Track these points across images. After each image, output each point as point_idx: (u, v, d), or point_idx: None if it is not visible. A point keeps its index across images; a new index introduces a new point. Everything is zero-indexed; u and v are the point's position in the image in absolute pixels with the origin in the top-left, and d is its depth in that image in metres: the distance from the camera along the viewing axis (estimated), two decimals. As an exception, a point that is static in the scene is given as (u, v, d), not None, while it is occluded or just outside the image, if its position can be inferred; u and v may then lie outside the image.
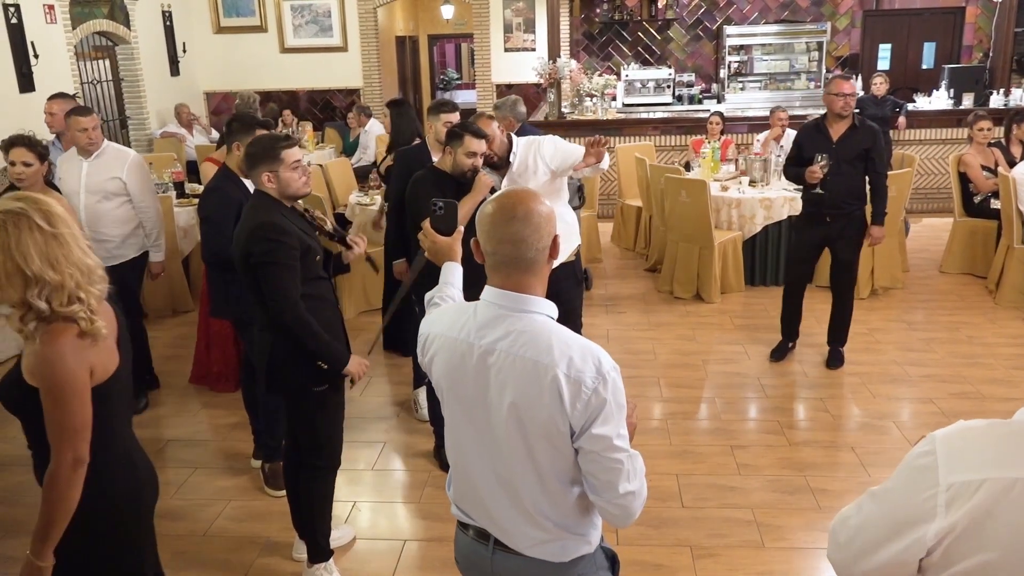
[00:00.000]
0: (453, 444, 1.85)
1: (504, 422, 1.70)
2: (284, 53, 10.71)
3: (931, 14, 10.77)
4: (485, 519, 1.83)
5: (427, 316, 1.96)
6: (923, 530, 1.16)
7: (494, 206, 1.73)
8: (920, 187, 8.65)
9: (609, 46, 11.35)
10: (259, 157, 2.92)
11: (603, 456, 1.65)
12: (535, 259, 1.71)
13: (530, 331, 1.69)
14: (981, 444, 1.17)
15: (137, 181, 4.59)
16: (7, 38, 6.87)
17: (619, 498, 1.68)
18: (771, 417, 4.44)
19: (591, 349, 1.67)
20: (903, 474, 1.24)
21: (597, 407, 1.63)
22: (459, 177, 3.65)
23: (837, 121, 4.69)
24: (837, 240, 4.81)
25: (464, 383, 1.76)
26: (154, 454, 4.29)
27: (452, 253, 2.21)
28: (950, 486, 1.14)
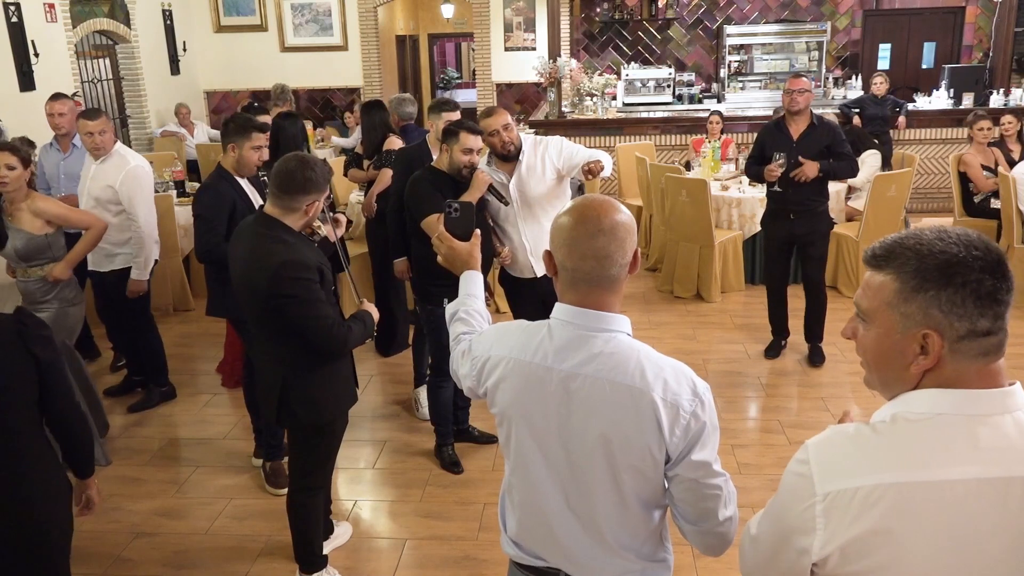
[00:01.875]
0: (521, 478, 1.69)
1: (589, 452, 1.57)
2: (284, 52, 10.71)
3: (931, 14, 10.77)
4: (556, 556, 1.68)
5: (480, 337, 1.78)
6: (806, 541, 1.16)
7: (574, 217, 1.56)
8: (920, 187, 8.65)
9: (609, 45, 11.35)
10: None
11: (702, 483, 1.55)
12: (618, 276, 1.58)
13: (617, 353, 1.56)
14: (851, 451, 1.17)
15: (129, 193, 4.43)
16: (7, 37, 6.87)
17: (719, 526, 1.58)
18: (772, 416, 4.45)
19: (682, 369, 1.58)
20: (784, 485, 1.23)
21: (697, 431, 1.53)
22: (456, 175, 3.65)
23: (795, 119, 4.78)
24: (803, 237, 4.88)
25: (539, 412, 1.61)
26: (155, 452, 4.31)
27: (472, 260, 1.99)
28: (826, 495, 1.14)
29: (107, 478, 4.01)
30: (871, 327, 1.21)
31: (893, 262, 1.17)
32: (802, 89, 4.70)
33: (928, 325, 1.14)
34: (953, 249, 1.14)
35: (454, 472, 3.96)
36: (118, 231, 4.51)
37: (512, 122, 3.82)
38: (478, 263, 2.01)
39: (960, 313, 1.12)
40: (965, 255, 1.13)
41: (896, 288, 1.16)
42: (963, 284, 1.12)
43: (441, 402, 3.97)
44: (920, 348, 1.15)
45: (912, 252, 1.16)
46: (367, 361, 5.33)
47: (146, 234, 4.51)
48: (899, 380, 1.20)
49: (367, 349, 5.51)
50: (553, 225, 1.62)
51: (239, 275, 2.75)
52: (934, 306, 1.13)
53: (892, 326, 1.17)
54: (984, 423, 1.14)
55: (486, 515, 3.60)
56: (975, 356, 1.15)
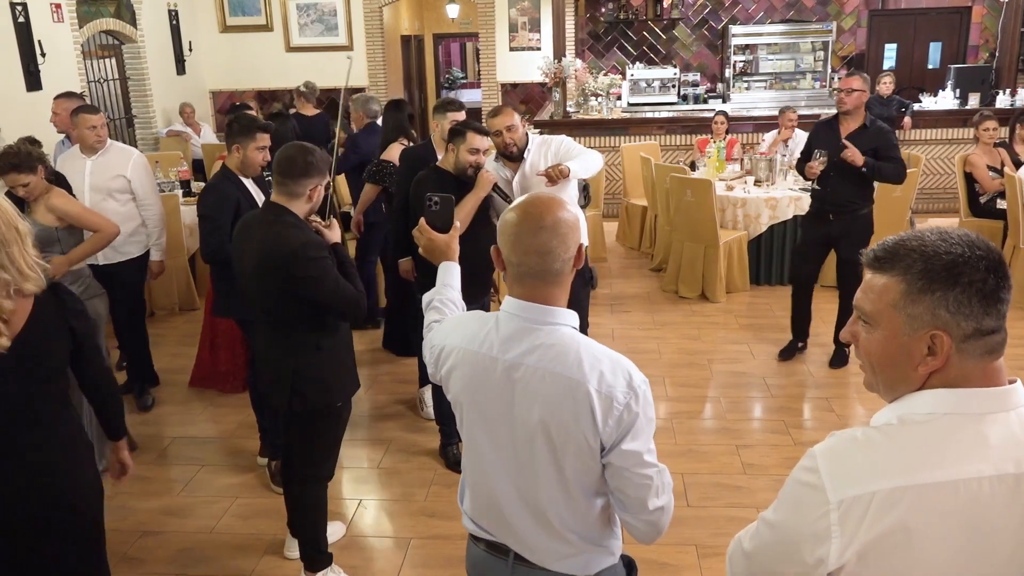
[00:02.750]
0: (472, 461, 1.79)
1: (531, 439, 1.65)
2: (290, 52, 10.72)
3: (937, 14, 10.74)
4: (506, 535, 1.77)
5: (439, 326, 1.88)
6: (822, 550, 1.15)
7: (518, 214, 1.64)
8: (926, 187, 8.63)
9: (614, 45, 11.34)
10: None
11: (633, 472, 1.61)
12: (561, 270, 1.64)
13: (558, 345, 1.63)
14: (862, 457, 1.17)
15: (142, 179, 4.61)
16: (14, 37, 6.89)
17: (649, 514, 1.64)
18: (776, 417, 4.45)
19: (620, 363, 1.63)
20: (789, 495, 1.22)
21: (629, 422, 1.59)
22: (461, 175, 3.65)
23: (846, 119, 4.67)
24: (841, 239, 4.79)
25: (486, 399, 1.70)
26: (160, 452, 4.32)
27: (449, 252, 2.10)
28: (840, 502, 1.13)
29: (113, 477, 4.03)
30: (875, 330, 1.21)
31: (898, 264, 1.17)
32: (850, 88, 4.57)
33: (936, 326, 1.15)
34: (957, 249, 1.14)
35: (458, 471, 3.94)
36: (126, 221, 4.56)
37: (518, 123, 3.82)
38: (456, 254, 2.11)
39: (967, 313, 1.13)
40: (970, 255, 1.14)
41: (902, 290, 1.16)
42: (969, 284, 1.13)
43: (445, 402, 3.92)
44: (927, 349, 1.16)
45: (917, 253, 1.16)
46: (372, 361, 5.34)
47: (160, 216, 4.72)
48: (904, 381, 1.20)
49: (371, 349, 5.52)
50: (500, 221, 1.69)
51: (252, 266, 2.77)
52: (941, 307, 1.14)
53: (898, 328, 1.18)
54: (990, 421, 1.15)
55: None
56: (980, 355, 1.16)
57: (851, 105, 4.60)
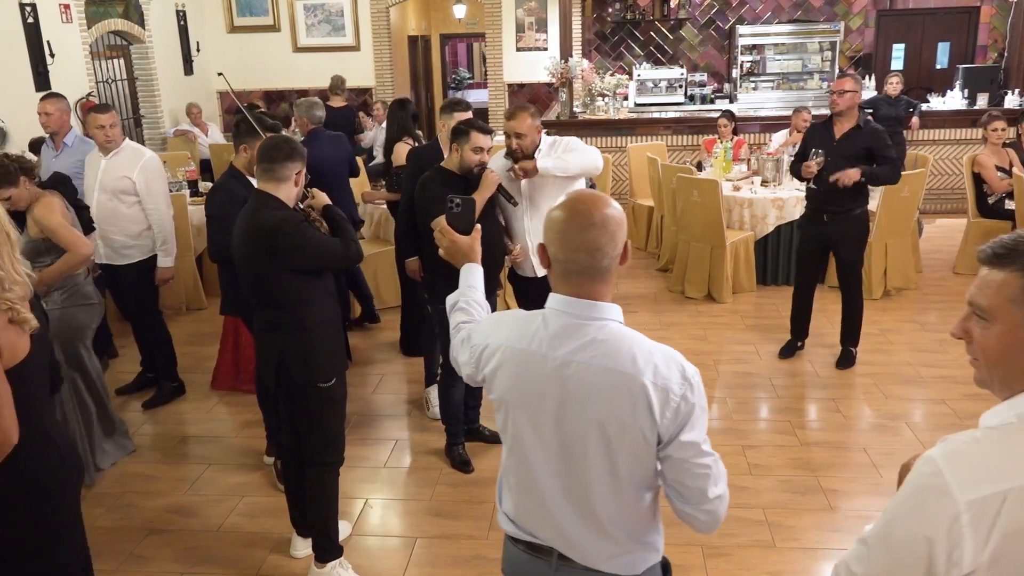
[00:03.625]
0: (517, 461, 1.75)
1: (583, 436, 1.63)
2: (297, 52, 10.76)
3: (945, 14, 10.70)
4: (553, 536, 1.74)
5: (478, 326, 1.87)
6: (956, 554, 1.12)
7: (567, 212, 1.64)
8: (934, 187, 8.60)
9: (621, 46, 11.34)
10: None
11: (692, 463, 1.61)
12: (608, 267, 1.64)
13: (610, 340, 1.62)
14: (992, 455, 1.15)
15: (147, 182, 4.53)
16: (24, 37, 6.93)
17: (708, 503, 1.63)
18: (783, 417, 4.44)
19: (671, 354, 1.63)
20: (910, 502, 1.19)
21: (686, 413, 1.60)
22: (466, 174, 3.66)
23: (840, 120, 4.70)
24: (838, 241, 4.81)
25: (535, 397, 1.67)
26: (168, 450, 4.34)
27: (472, 254, 2.10)
28: (970, 503, 1.11)
29: (120, 475, 4.05)
30: (992, 325, 1.21)
31: (1018, 259, 1.18)
32: (842, 90, 4.60)
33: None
34: None
35: (464, 471, 3.96)
36: (133, 223, 4.57)
37: (529, 130, 3.72)
38: (478, 256, 2.11)
39: None
40: None
41: (1022, 284, 1.17)
42: None
43: (452, 401, 3.97)
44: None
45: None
46: (379, 361, 5.35)
47: (167, 221, 4.63)
48: (1022, 377, 1.19)
49: (378, 349, 5.53)
50: (546, 219, 1.68)
51: (240, 251, 2.92)
52: None
53: (1017, 322, 1.18)
54: None
55: (496, 515, 3.60)
56: None
57: (843, 106, 4.62)
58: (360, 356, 5.39)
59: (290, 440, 3.20)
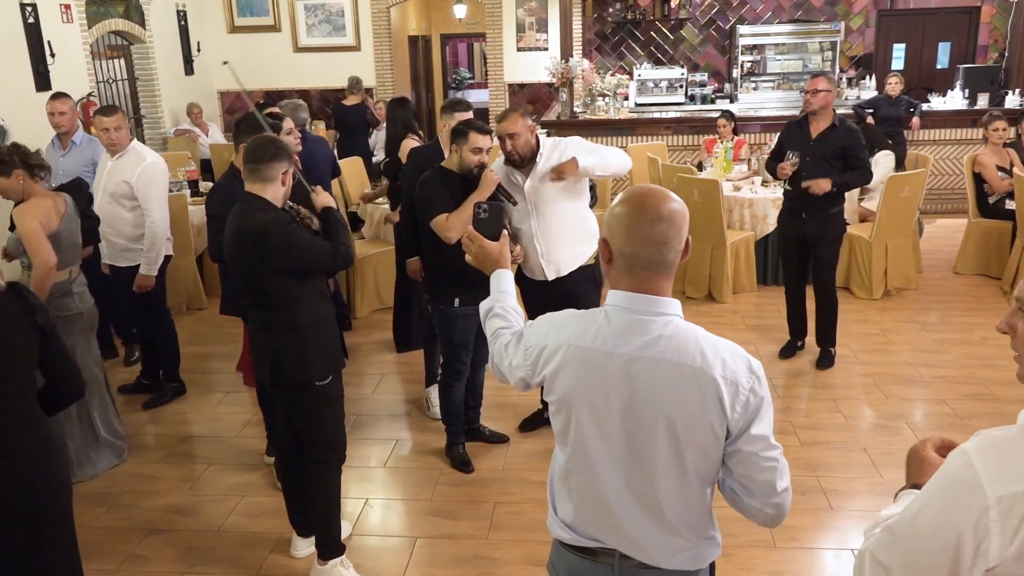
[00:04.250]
0: (579, 462, 1.73)
1: (651, 432, 1.63)
2: (297, 52, 10.76)
3: (946, 14, 10.70)
4: (614, 537, 1.73)
5: (530, 329, 1.84)
6: (983, 547, 1.12)
7: (633, 206, 1.64)
8: (934, 187, 8.60)
9: (622, 45, 11.33)
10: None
11: (761, 456, 1.62)
12: (673, 261, 1.65)
13: (677, 336, 1.63)
14: (1018, 453, 1.14)
15: (144, 188, 4.50)
16: (24, 37, 6.93)
17: (777, 496, 1.64)
18: (783, 417, 4.43)
19: (736, 349, 1.65)
20: (939, 495, 1.18)
21: (755, 406, 1.61)
22: (466, 175, 3.65)
23: (815, 119, 4.72)
24: (815, 239, 4.83)
25: (602, 395, 1.66)
26: (168, 450, 4.34)
27: (502, 259, 2.08)
28: (1000, 499, 1.10)
29: (120, 475, 4.05)
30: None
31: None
32: (815, 90, 4.63)
33: None
34: None
35: (465, 471, 3.96)
36: (132, 226, 4.58)
37: (523, 130, 3.67)
38: (508, 261, 2.11)
39: None
40: None
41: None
42: None
43: (452, 401, 3.97)
44: None
45: None
46: (378, 360, 5.36)
47: (159, 230, 4.57)
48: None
49: (378, 349, 5.53)
50: (609, 214, 1.68)
51: (230, 253, 2.93)
52: None
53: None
54: None
55: (496, 514, 3.61)
56: None
57: (817, 105, 4.64)
58: (360, 356, 5.39)
59: (288, 440, 3.21)
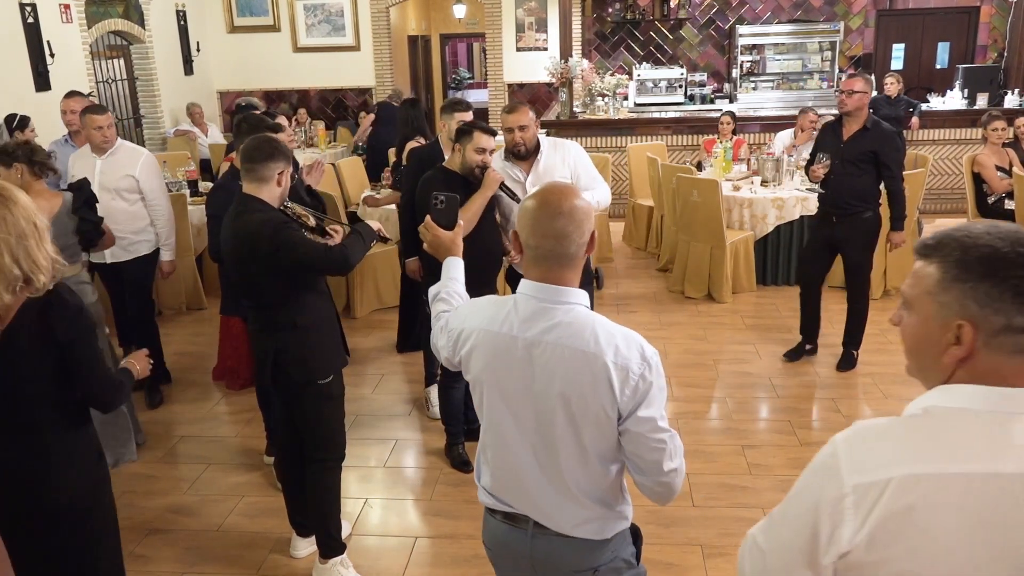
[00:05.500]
0: (493, 437, 1.88)
1: (551, 411, 1.75)
2: (297, 52, 10.76)
3: (945, 14, 10.71)
4: (526, 505, 1.86)
5: (454, 312, 1.98)
6: (837, 533, 1.16)
7: (537, 201, 1.77)
8: (934, 187, 8.61)
9: (621, 46, 11.34)
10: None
11: (648, 437, 1.73)
12: (576, 254, 1.76)
13: (575, 322, 1.74)
14: (885, 442, 1.18)
15: (150, 179, 4.64)
16: (24, 37, 6.93)
17: (664, 476, 1.76)
18: (782, 417, 4.44)
19: (632, 336, 1.75)
20: (808, 480, 1.24)
21: (644, 391, 1.71)
22: (468, 175, 3.65)
23: (848, 121, 4.64)
24: (845, 242, 4.76)
25: (507, 376, 1.80)
26: (168, 450, 4.34)
27: (454, 248, 2.21)
28: (856, 487, 1.15)
29: (120, 475, 4.05)
30: (911, 315, 1.23)
31: (939, 251, 1.19)
32: (851, 90, 4.52)
33: (963, 316, 1.15)
34: (998, 244, 1.14)
35: (464, 471, 3.97)
36: (135, 219, 4.63)
37: (531, 122, 3.80)
38: (460, 250, 2.22)
39: (997, 307, 1.13)
40: (1009, 251, 1.13)
41: (937, 277, 1.18)
42: (1003, 279, 1.13)
43: (452, 402, 3.98)
44: (955, 338, 1.16)
45: (957, 243, 1.17)
46: (378, 360, 5.36)
47: (171, 216, 4.77)
48: (934, 369, 1.21)
49: (379, 349, 5.53)
50: (519, 208, 1.83)
51: (228, 254, 2.94)
52: (970, 297, 1.14)
53: (930, 314, 1.19)
54: (1020, 420, 1.13)
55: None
56: (1011, 352, 1.14)
57: (852, 106, 4.55)
58: (360, 356, 5.39)
59: (288, 440, 3.21)
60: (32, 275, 2.01)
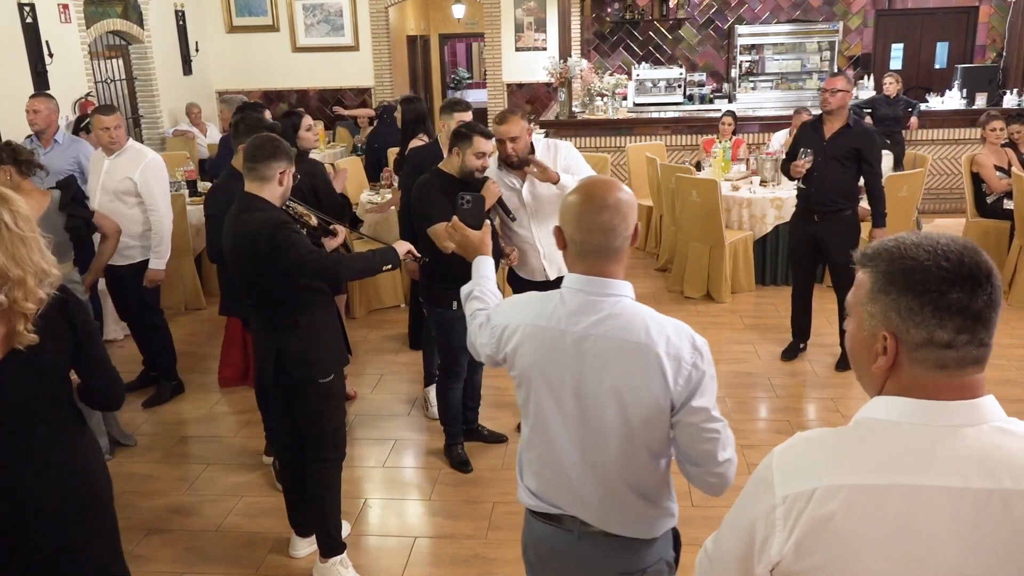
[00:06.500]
0: (539, 434, 1.85)
1: (601, 405, 1.74)
2: (296, 52, 10.76)
3: (944, 14, 10.71)
4: (573, 505, 1.83)
5: (496, 309, 1.97)
6: (768, 544, 1.18)
7: (582, 195, 1.76)
8: (932, 187, 8.61)
9: (620, 45, 11.34)
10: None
11: (702, 427, 1.71)
12: (621, 247, 1.76)
13: (624, 314, 1.74)
14: (813, 454, 1.20)
15: (149, 183, 4.54)
16: (22, 37, 6.93)
17: (718, 467, 1.74)
18: (782, 417, 4.44)
19: (681, 326, 1.75)
20: (747, 492, 1.26)
21: (697, 380, 1.71)
22: (466, 179, 3.60)
23: (830, 119, 4.70)
24: (828, 240, 4.78)
25: (556, 370, 1.78)
26: (167, 450, 4.34)
27: (483, 247, 2.21)
28: (785, 498, 1.16)
29: (119, 475, 4.04)
30: (850, 321, 1.25)
31: (872, 262, 1.19)
32: (834, 89, 4.59)
33: (887, 327, 1.16)
34: (922, 256, 1.13)
35: (463, 471, 3.97)
36: (134, 224, 4.58)
37: (522, 132, 3.66)
38: (489, 249, 2.22)
39: (917, 321, 1.13)
40: (931, 264, 1.12)
41: (867, 287, 1.19)
42: (923, 293, 1.12)
43: (450, 403, 3.97)
44: (883, 348, 1.17)
45: (887, 255, 1.17)
46: (378, 360, 5.36)
47: (165, 224, 4.63)
48: (867, 376, 1.23)
49: (378, 349, 5.54)
50: (562, 203, 1.81)
51: (230, 255, 2.93)
52: (893, 310, 1.15)
53: (861, 323, 1.21)
54: (947, 433, 1.14)
55: (495, 514, 3.61)
56: (933, 367, 1.14)
57: (835, 105, 4.62)
58: (359, 356, 5.39)
59: (288, 439, 3.21)
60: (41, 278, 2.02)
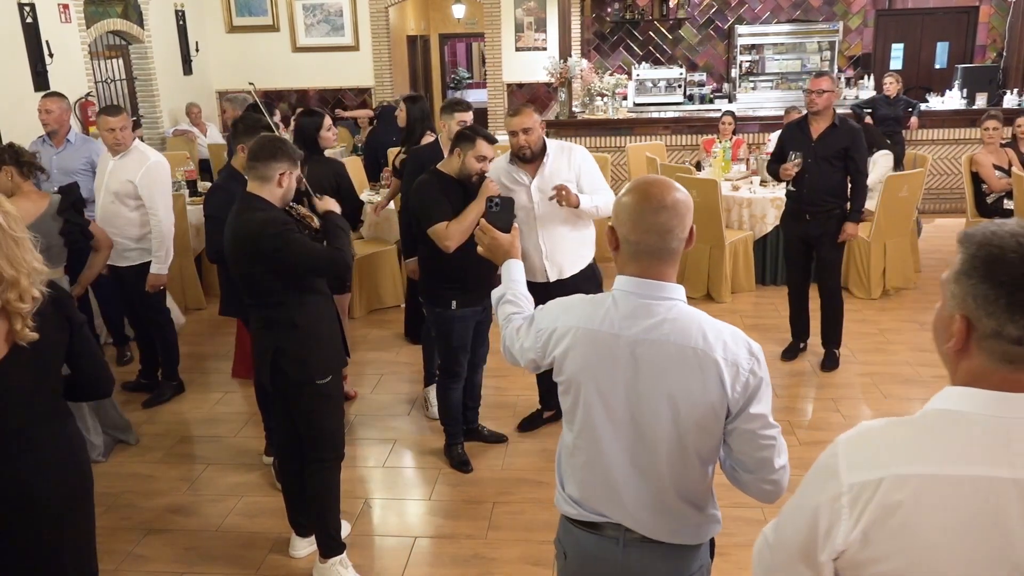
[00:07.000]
0: (587, 439, 1.80)
1: (655, 411, 1.70)
2: (296, 52, 10.76)
3: (944, 13, 10.71)
4: (620, 513, 1.79)
5: (542, 312, 1.91)
6: (834, 531, 1.18)
7: (638, 195, 1.71)
8: (933, 187, 8.61)
9: (620, 45, 11.33)
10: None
11: (759, 434, 1.69)
12: (677, 249, 1.72)
13: (680, 319, 1.70)
14: (881, 442, 1.20)
15: (148, 187, 4.50)
16: (22, 37, 6.93)
17: (774, 473, 1.71)
18: (782, 417, 4.44)
19: (737, 331, 1.72)
20: (811, 479, 1.26)
21: (754, 387, 1.68)
22: (465, 181, 3.60)
23: (816, 119, 4.71)
24: (818, 239, 4.81)
25: (608, 375, 1.73)
26: (167, 450, 4.34)
27: (513, 250, 2.18)
28: (852, 486, 1.16)
29: (119, 475, 4.05)
30: (940, 298, 1.25)
31: (964, 243, 1.19)
32: (820, 90, 4.61)
33: (963, 310, 1.16)
34: (1010, 247, 1.13)
35: (463, 471, 3.97)
36: (134, 226, 4.57)
37: (536, 125, 3.72)
38: (519, 252, 2.20)
39: (990, 311, 1.13)
40: (1015, 258, 1.12)
41: (955, 268, 1.19)
42: (1000, 284, 1.12)
43: (450, 403, 3.97)
44: (958, 330, 1.17)
45: (979, 238, 1.17)
46: (377, 360, 5.36)
47: (165, 228, 4.57)
48: (943, 355, 1.23)
49: (378, 349, 5.53)
50: (616, 203, 1.76)
51: (229, 253, 2.93)
52: (971, 295, 1.15)
53: (945, 301, 1.21)
54: (1017, 425, 1.13)
55: (495, 514, 3.61)
56: (1000, 360, 1.14)
57: (822, 105, 4.64)
58: (358, 356, 5.38)
59: (287, 439, 3.21)
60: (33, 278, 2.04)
